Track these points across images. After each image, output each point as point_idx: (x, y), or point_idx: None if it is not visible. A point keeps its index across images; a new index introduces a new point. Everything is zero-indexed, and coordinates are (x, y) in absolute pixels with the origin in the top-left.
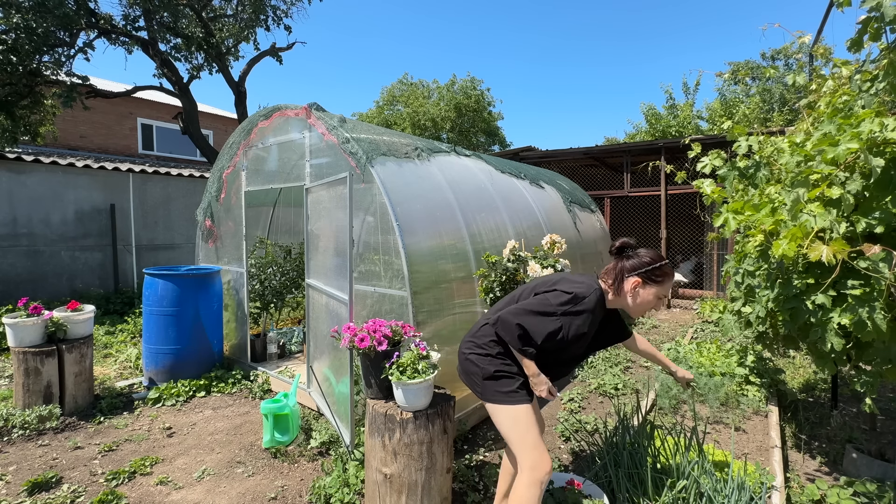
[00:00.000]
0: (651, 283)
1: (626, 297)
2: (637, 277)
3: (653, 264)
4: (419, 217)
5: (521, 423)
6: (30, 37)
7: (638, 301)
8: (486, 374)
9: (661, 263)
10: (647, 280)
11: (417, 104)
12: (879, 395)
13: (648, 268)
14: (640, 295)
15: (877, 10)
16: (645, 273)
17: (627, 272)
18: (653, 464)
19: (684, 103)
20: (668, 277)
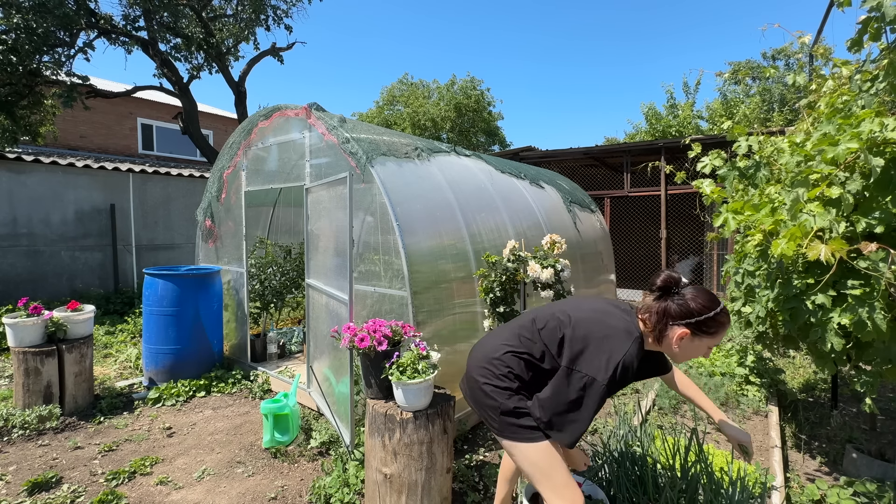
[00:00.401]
0: (702, 334)
1: (671, 347)
2: (685, 329)
3: (705, 313)
4: (419, 217)
5: (545, 461)
6: (30, 37)
7: (682, 352)
8: (504, 409)
9: (716, 312)
10: (697, 332)
11: (417, 104)
12: (879, 395)
13: (700, 318)
14: (687, 347)
15: (877, 10)
16: (696, 324)
17: (673, 320)
18: (653, 464)
19: (685, 103)
20: (723, 328)
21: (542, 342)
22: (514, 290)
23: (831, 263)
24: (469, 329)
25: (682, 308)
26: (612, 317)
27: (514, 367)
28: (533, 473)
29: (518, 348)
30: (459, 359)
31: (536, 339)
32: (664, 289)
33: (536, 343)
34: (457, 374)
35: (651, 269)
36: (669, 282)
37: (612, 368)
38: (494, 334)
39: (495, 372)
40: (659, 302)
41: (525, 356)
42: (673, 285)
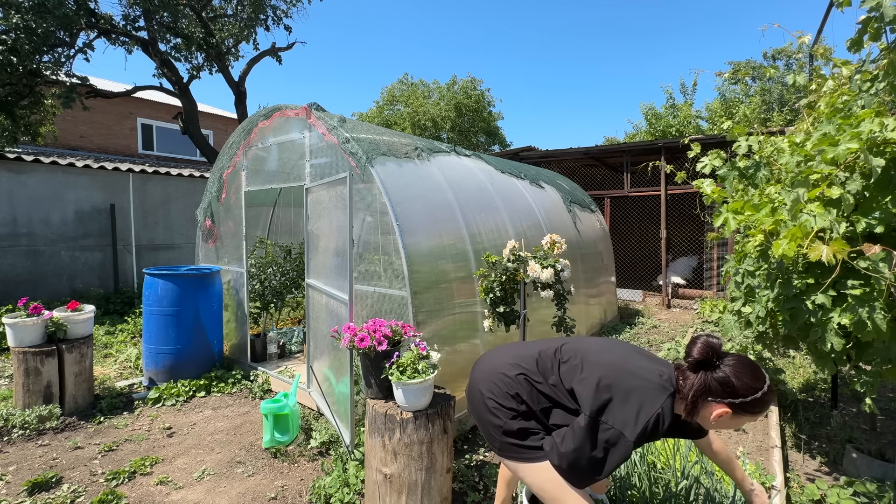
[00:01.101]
0: (744, 413)
1: (707, 421)
2: (727, 408)
3: (751, 394)
4: (419, 217)
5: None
6: (30, 37)
7: (718, 425)
8: (507, 429)
9: (763, 392)
10: (739, 411)
11: (417, 104)
12: (879, 395)
13: (746, 399)
14: (725, 423)
15: (877, 10)
16: (739, 405)
17: (713, 397)
18: (653, 464)
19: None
20: (767, 406)
21: (558, 375)
22: (514, 290)
23: (833, 264)
24: (469, 329)
25: (725, 386)
26: (642, 368)
27: (523, 392)
28: (542, 495)
29: (533, 375)
30: (459, 359)
31: (555, 370)
32: (703, 362)
33: (553, 375)
34: (457, 374)
35: (651, 269)
36: (709, 353)
37: (642, 423)
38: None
39: (503, 390)
40: (696, 374)
41: (538, 385)
42: (713, 356)
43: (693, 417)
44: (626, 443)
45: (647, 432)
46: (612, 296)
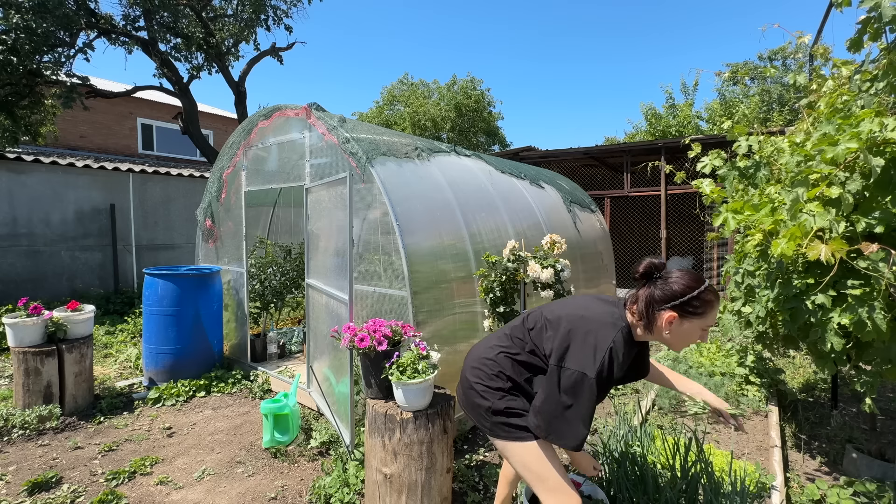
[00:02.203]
0: (690, 315)
1: (662, 334)
2: (672, 311)
3: (689, 293)
4: (419, 217)
5: (537, 462)
6: (30, 37)
7: (675, 338)
8: (495, 409)
9: (700, 290)
10: (684, 314)
11: (418, 104)
12: (879, 395)
13: (684, 298)
14: (677, 331)
15: (876, 11)
16: (681, 305)
17: (658, 304)
18: (653, 463)
19: (683, 103)
20: (710, 306)
21: (531, 342)
22: (514, 290)
23: (832, 263)
24: (469, 329)
25: (666, 291)
26: (595, 311)
27: (505, 368)
28: (526, 475)
29: (510, 349)
30: (459, 359)
31: (527, 339)
32: (646, 275)
33: (527, 343)
34: (457, 374)
35: None
36: (650, 267)
37: (599, 360)
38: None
39: (487, 372)
40: (643, 289)
41: (517, 357)
42: (654, 270)
43: (651, 332)
44: (589, 381)
45: (606, 367)
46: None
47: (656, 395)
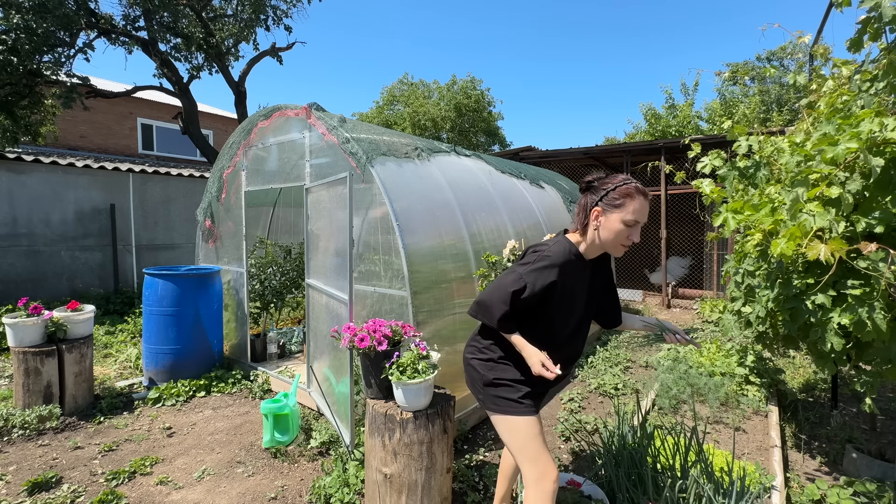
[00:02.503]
0: (611, 208)
1: (594, 235)
2: (597, 207)
3: (608, 187)
4: (419, 217)
5: (519, 434)
6: (30, 37)
7: (604, 235)
8: (485, 380)
9: (618, 184)
10: (606, 207)
11: (417, 104)
12: (879, 395)
13: (604, 192)
14: (604, 227)
15: (876, 10)
16: (602, 200)
17: (590, 207)
18: (653, 464)
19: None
20: (629, 198)
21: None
22: None
23: (831, 263)
24: (469, 329)
25: (593, 191)
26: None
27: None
28: (509, 444)
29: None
30: (459, 359)
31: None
32: (586, 186)
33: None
34: (457, 374)
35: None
36: (591, 179)
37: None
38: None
39: (478, 346)
40: (581, 199)
41: None
42: (594, 181)
43: (585, 235)
44: (518, 271)
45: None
46: None
47: (656, 395)
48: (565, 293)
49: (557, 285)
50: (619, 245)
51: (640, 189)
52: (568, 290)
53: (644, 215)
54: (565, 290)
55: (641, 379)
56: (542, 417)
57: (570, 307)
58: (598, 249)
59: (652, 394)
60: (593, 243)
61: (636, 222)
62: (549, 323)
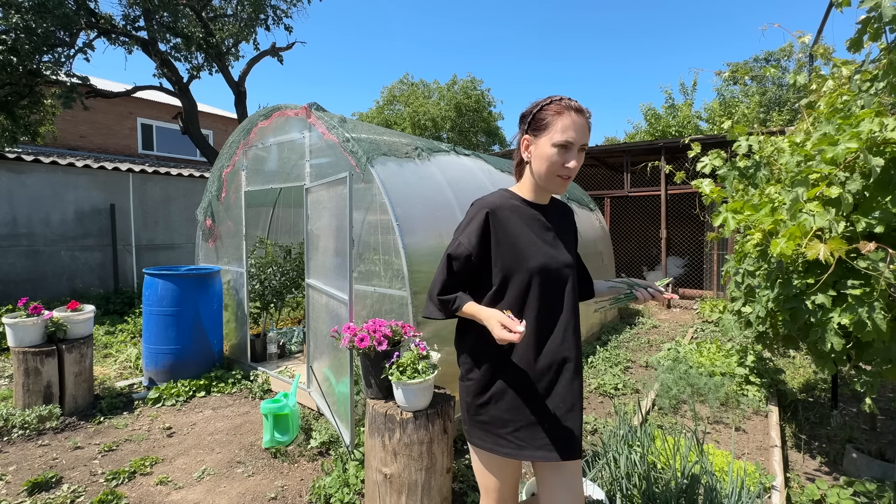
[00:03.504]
0: (538, 132)
1: (528, 169)
2: (525, 136)
3: (533, 110)
4: (419, 217)
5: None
6: (30, 37)
7: (537, 167)
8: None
9: (543, 104)
10: (533, 133)
11: (418, 104)
12: (879, 395)
13: (530, 117)
14: (535, 155)
15: (876, 10)
16: (529, 126)
17: (519, 138)
18: (653, 464)
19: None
20: (557, 115)
21: None
22: None
23: (830, 263)
24: None
25: (521, 121)
26: None
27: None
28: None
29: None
30: None
31: None
32: (520, 119)
33: None
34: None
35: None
36: (524, 112)
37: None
38: None
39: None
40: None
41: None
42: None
43: (521, 172)
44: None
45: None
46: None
47: (656, 395)
48: (508, 239)
49: (495, 230)
50: (554, 176)
51: (570, 104)
52: (512, 235)
53: (581, 134)
54: (508, 234)
55: (641, 379)
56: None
57: (524, 256)
58: (538, 190)
59: (652, 394)
60: (530, 182)
61: (568, 143)
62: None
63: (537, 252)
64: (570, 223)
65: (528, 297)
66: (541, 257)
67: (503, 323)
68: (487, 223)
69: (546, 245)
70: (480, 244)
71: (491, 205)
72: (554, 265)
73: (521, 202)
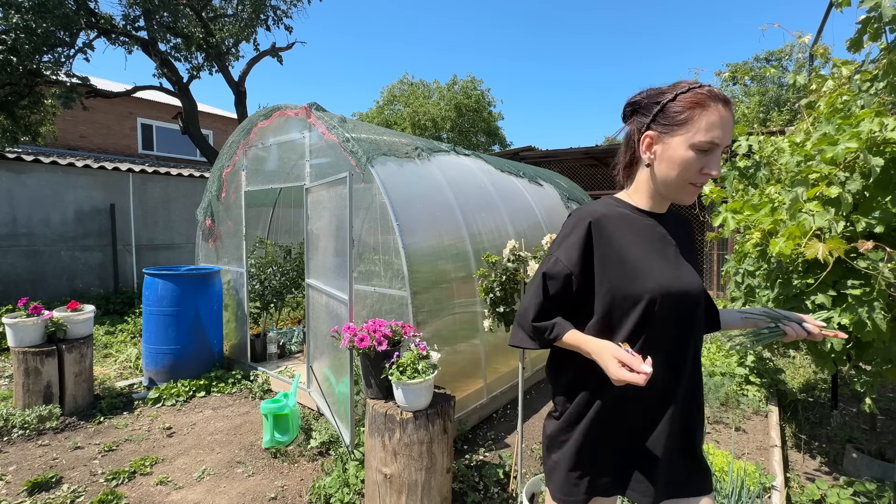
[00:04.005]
0: (671, 128)
1: (648, 176)
2: (648, 132)
3: (660, 98)
4: (419, 217)
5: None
6: (30, 37)
7: (663, 171)
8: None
9: (680, 92)
10: (663, 129)
11: (418, 104)
12: (879, 395)
13: (658, 108)
14: (661, 158)
15: (876, 10)
16: (655, 119)
17: (637, 134)
18: None
19: None
20: (701, 109)
21: None
22: (515, 290)
23: (828, 262)
24: (469, 329)
25: (642, 112)
26: None
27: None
28: None
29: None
30: (459, 359)
31: None
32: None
33: None
34: (457, 374)
35: None
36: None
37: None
38: None
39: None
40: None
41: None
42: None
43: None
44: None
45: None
46: None
47: None
48: (617, 256)
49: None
50: (686, 184)
51: (715, 94)
52: (622, 251)
53: (728, 133)
54: (617, 250)
55: None
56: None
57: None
58: (656, 198)
59: None
60: (647, 188)
61: (713, 144)
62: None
63: (656, 272)
64: (690, 237)
65: (645, 329)
66: (661, 278)
67: (621, 359)
68: (590, 236)
69: (667, 264)
70: (582, 261)
71: (594, 214)
72: (677, 289)
73: (631, 210)
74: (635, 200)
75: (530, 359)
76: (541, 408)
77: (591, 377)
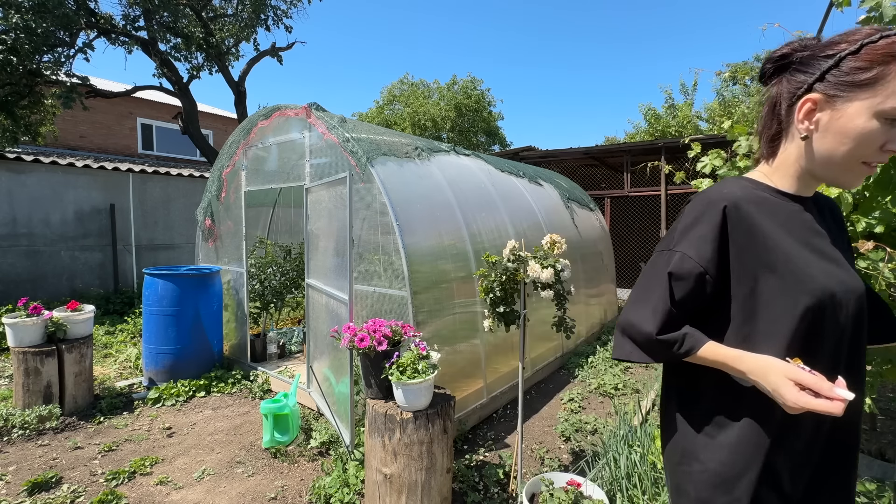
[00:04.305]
0: (845, 90)
1: (801, 151)
2: (812, 94)
3: (837, 49)
4: (419, 217)
5: None
6: (30, 37)
7: (829, 143)
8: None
9: (865, 41)
10: (838, 90)
11: (418, 104)
12: (879, 395)
13: (831, 63)
14: (826, 128)
15: (876, 10)
16: (820, 79)
17: (791, 99)
18: (653, 464)
19: (683, 103)
20: (893, 63)
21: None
22: (515, 290)
23: None
24: (469, 329)
25: (802, 67)
26: None
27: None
28: None
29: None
30: (459, 359)
31: None
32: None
33: None
34: (457, 374)
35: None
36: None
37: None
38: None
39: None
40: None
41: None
42: (795, 49)
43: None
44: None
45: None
46: (613, 296)
47: (657, 394)
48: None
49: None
50: (857, 164)
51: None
52: (768, 244)
53: None
54: (761, 244)
55: (641, 379)
56: (542, 417)
57: (793, 278)
58: (805, 178)
59: (652, 394)
60: (796, 166)
61: None
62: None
63: (814, 271)
64: (842, 226)
65: (804, 343)
66: (821, 279)
67: (800, 381)
68: (725, 225)
69: (824, 260)
70: (718, 257)
71: (728, 197)
72: (843, 293)
73: (771, 194)
74: (775, 181)
75: (530, 359)
76: (541, 408)
77: (742, 404)
